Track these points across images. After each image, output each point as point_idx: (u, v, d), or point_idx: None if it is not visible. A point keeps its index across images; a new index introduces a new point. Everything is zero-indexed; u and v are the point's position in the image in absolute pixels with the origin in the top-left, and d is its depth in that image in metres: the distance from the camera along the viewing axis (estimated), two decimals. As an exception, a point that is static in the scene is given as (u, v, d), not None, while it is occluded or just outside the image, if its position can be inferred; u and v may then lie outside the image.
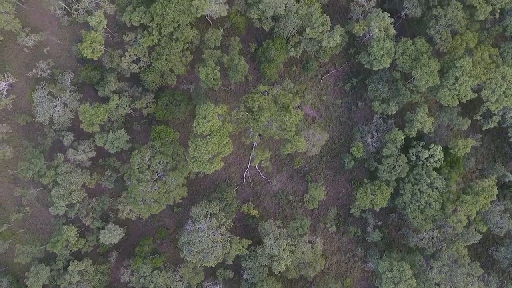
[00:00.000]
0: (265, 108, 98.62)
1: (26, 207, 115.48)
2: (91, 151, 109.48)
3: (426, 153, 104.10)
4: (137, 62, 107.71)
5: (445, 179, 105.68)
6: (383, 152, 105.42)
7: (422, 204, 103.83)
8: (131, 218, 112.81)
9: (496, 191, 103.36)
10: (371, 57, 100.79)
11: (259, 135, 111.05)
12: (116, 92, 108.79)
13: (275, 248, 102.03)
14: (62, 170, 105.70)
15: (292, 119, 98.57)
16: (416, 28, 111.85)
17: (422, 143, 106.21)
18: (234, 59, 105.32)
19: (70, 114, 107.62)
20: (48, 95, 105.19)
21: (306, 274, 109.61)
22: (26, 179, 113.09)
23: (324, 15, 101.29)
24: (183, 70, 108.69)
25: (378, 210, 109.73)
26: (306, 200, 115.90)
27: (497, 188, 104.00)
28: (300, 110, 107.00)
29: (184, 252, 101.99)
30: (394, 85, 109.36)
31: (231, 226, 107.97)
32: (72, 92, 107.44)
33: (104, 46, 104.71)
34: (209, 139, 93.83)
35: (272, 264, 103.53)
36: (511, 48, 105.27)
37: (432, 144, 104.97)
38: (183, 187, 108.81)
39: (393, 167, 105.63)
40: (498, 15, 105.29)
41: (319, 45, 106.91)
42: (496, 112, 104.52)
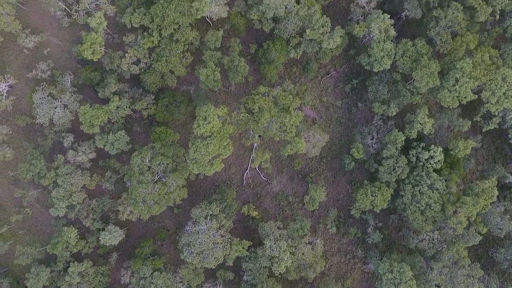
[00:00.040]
0: (265, 109, 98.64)
1: (26, 209, 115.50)
2: (91, 153, 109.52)
3: (426, 154, 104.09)
4: (137, 64, 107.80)
5: (445, 181, 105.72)
6: (383, 154, 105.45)
7: (422, 205, 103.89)
8: (131, 220, 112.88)
9: (496, 192, 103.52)
10: (371, 58, 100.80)
11: (259, 136, 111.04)
12: (116, 93, 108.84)
13: (275, 250, 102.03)
14: (62, 172, 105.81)
15: (293, 120, 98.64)
16: (416, 29, 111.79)
17: (422, 144, 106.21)
18: (234, 60, 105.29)
19: (70, 115, 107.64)
20: (48, 96, 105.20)
21: (306, 275, 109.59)
22: (26, 180, 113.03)
23: (324, 16, 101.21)
24: (183, 72, 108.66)
25: (378, 211, 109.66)
26: (306, 201, 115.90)
27: (497, 189, 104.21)
28: (300, 112, 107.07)
29: (184, 254, 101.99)
30: (394, 86, 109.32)
31: (231, 227, 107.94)
32: (72, 94, 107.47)
33: (104, 47, 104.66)
34: (209, 140, 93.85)
35: (272, 265, 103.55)
36: (511, 50, 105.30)
37: (432, 145, 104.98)
38: (183, 188, 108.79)
39: (393, 168, 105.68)
40: (498, 17, 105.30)
41: (319, 46, 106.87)
42: (496, 113, 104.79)
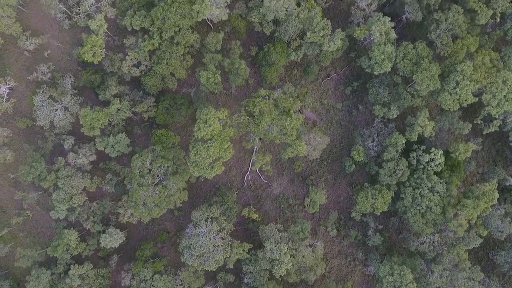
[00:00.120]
0: (266, 112, 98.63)
1: (27, 211, 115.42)
2: (91, 155, 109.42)
3: (427, 157, 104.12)
4: (137, 66, 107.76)
5: (446, 183, 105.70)
6: (384, 156, 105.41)
7: (423, 208, 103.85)
8: (131, 222, 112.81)
9: (496, 195, 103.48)
10: (372, 61, 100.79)
11: (260, 139, 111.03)
12: (116, 95, 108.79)
13: (276, 252, 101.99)
14: (62, 174, 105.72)
15: (293, 123, 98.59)
16: (417, 32, 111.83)
17: (423, 147, 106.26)
18: (235, 63, 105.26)
19: (71, 117, 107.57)
20: (48, 98, 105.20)
21: (306, 278, 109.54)
22: (27, 182, 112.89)
23: (325, 19, 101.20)
24: (183, 74, 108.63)
25: (378, 214, 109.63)
26: (307, 204, 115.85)
27: (497, 192, 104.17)
28: (300, 114, 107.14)
29: (185, 256, 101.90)
30: (395, 89, 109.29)
31: (232, 230, 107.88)
32: (72, 96, 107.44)
33: (104, 49, 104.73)
34: (210, 143, 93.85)
35: (272, 268, 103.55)
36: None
37: (433, 148, 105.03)
38: (184, 191, 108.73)
39: (394, 171, 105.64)
40: (498, 19, 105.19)
41: (320, 49, 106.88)
42: (496, 116, 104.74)
